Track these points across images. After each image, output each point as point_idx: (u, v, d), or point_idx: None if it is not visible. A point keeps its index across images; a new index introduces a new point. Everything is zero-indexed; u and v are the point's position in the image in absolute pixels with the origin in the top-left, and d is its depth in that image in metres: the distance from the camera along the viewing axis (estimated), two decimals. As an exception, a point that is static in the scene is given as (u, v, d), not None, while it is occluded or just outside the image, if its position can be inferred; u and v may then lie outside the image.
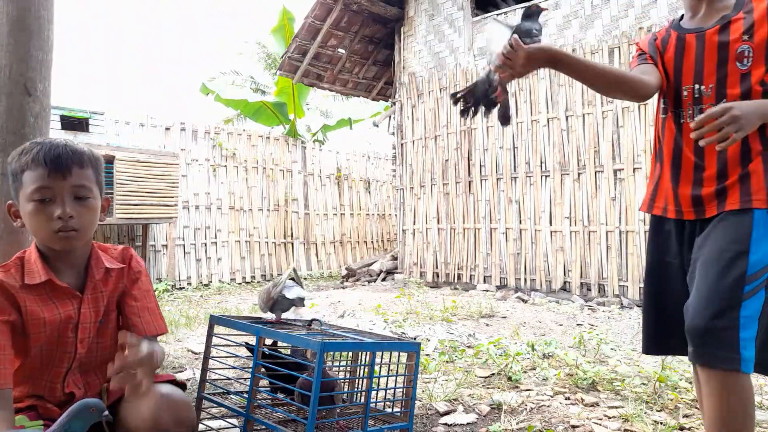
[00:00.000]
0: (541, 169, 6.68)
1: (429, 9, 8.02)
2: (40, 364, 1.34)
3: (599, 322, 4.76)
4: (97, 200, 1.38)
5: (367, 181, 11.09)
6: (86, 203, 1.34)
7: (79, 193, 1.33)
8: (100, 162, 1.42)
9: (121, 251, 1.51)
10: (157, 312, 1.51)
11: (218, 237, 8.51)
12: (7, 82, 2.18)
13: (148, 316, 1.47)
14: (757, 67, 1.45)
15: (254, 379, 1.72)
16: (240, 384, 2.40)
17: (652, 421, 2.23)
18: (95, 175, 1.38)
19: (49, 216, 1.28)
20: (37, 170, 1.28)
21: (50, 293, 1.34)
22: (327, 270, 9.94)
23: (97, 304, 1.40)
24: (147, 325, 1.46)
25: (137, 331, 1.43)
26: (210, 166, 8.55)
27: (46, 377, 1.36)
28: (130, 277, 1.48)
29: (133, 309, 1.46)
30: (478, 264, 7.26)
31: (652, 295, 1.63)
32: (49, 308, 1.32)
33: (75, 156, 1.33)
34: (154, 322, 1.48)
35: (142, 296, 1.49)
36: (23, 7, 2.21)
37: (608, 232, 6.10)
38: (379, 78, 9.66)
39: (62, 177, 1.30)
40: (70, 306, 1.36)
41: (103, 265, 1.42)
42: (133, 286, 1.48)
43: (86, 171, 1.35)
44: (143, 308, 1.48)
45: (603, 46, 6.18)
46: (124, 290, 1.47)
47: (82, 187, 1.33)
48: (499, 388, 2.71)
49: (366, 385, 1.70)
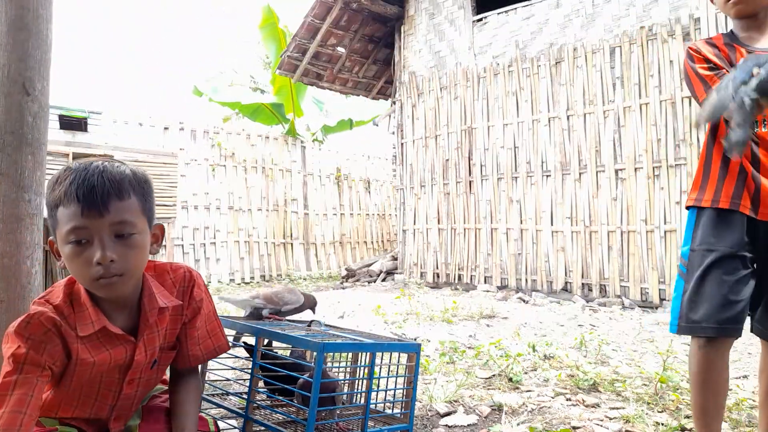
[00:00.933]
0: (542, 168, 6.66)
1: (429, 8, 8.01)
2: (80, 398, 1.23)
3: (600, 323, 4.75)
4: (144, 234, 1.16)
5: (367, 181, 11.08)
6: (130, 241, 1.13)
7: (121, 231, 1.11)
8: (147, 185, 1.20)
9: (182, 276, 1.32)
10: (218, 331, 1.39)
11: (217, 237, 8.50)
12: (6, 82, 2.16)
13: (208, 340, 1.36)
14: None
15: (253, 380, 1.71)
16: (239, 385, 2.38)
17: (654, 422, 2.21)
18: (142, 202, 1.16)
19: (87, 261, 1.09)
20: (70, 207, 1.08)
21: (103, 339, 1.19)
22: (327, 270, 9.93)
23: (153, 345, 1.26)
24: (207, 352, 1.36)
25: (196, 360, 1.35)
26: (209, 165, 8.54)
27: (89, 411, 1.25)
28: (191, 308, 1.32)
29: (194, 340, 1.34)
30: (478, 264, 7.24)
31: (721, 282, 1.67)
32: (102, 355, 1.18)
33: (113, 186, 1.11)
34: (215, 344, 1.38)
35: (203, 324, 1.35)
36: (22, 6, 2.19)
37: (610, 232, 6.09)
38: (379, 77, 9.65)
39: (99, 214, 1.09)
40: (123, 352, 1.21)
41: (156, 305, 1.24)
42: (195, 318, 1.33)
43: (127, 202, 1.13)
44: (203, 335, 1.35)
45: (604, 45, 6.16)
46: (185, 322, 1.33)
47: (124, 224, 1.12)
48: (499, 389, 2.70)
49: (366, 386, 1.69)
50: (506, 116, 7.01)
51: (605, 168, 6.13)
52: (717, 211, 1.69)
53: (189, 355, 1.34)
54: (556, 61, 6.57)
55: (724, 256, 1.65)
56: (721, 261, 1.65)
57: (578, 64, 6.38)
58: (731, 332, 1.61)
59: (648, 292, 5.76)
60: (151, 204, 1.20)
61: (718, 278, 1.65)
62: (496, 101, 7.12)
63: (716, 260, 1.66)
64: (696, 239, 1.73)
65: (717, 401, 1.62)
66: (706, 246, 1.69)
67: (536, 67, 6.74)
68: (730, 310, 1.61)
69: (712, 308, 1.63)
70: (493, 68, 7.14)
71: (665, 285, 5.64)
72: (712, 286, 1.65)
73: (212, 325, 1.38)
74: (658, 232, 5.73)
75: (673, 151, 5.66)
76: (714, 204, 1.69)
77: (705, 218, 1.72)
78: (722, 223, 1.67)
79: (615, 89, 6.11)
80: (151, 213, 1.20)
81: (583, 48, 6.34)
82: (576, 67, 6.40)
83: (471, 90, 7.38)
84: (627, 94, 6.01)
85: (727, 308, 1.61)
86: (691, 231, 1.77)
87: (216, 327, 1.38)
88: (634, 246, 5.89)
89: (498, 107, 7.10)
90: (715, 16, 5.44)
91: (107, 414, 1.27)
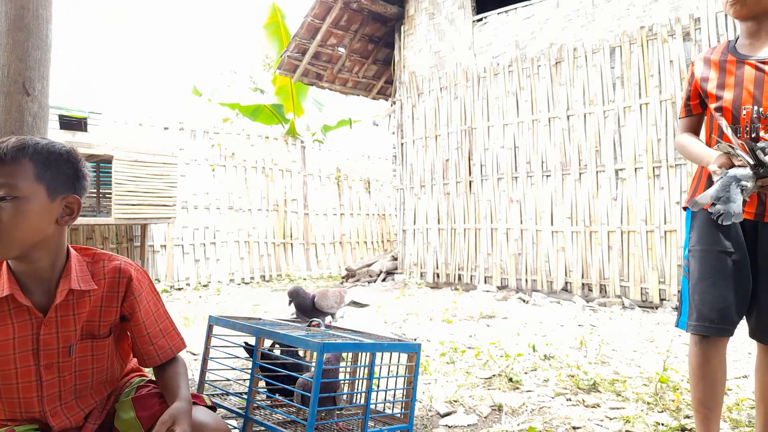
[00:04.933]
0: (542, 168, 6.66)
1: (429, 8, 8.00)
2: (1, 396, 1.21)
3: (600, 323, 4.75)
4: (31, 201, 1.14)
5: (367, 181, 11.07)
6: (6, 204, 1.11)
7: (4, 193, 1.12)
8: (53, 155, 1.18)
9: (115, 267, 1.31)
10: (171, 330, 1.40)
11: (217, 237, 8.50)
12: (6, 82, 2.16)
13: (161, 339, 1.37)
14: None
15: (253, 380, 1.71)
16: (239, 385, 2.38)
17: (654, 422, 2.21)
18: (37, 169, 1.15)
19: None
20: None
21: (14, 310, 1.19)
22: (327, 271, 9.92)
23: (66, 328, 1.24)
24: (162, 351, 1.36)
25: (152, 361, 1.35)
26: (209, 165, 8.54)
27: (18, 408, 1.23)
28: (129, 302, 1.32)
29: (144, 339, 1.34)
30: (478, 264, 7.24)
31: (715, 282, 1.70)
32: (5, 328, 1.18)
33: (1, 151, 1.12)
34: (170, 344, 1.38)
35: (151, 322, 1.35)
36: (22, 6, 2.19)
37: (610, 232, 6.08)
38: (379, 77, 9.65)
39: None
40: (29, 328, 1.20)
41: (68, 286, 1.22)
42: (135, 313, 1.33)
43: (11, 166, 1.12)
44: (155, 333, 1.36)
45: (604, 45, 6.16)
46: (125, 316, 1.33)
47: (1, 186, 1.11)
48: (499, 389, 2.70)
49: (366, 386, 1.69)
50: (506, 116, 7.01)
51: (605, 168, 6.13)
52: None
53: (143, 353, 1.35)
54: (556, 61, 6.57)
55: (717, 257, 1.68)
56: (715, 261, 1.68)
57: (578, 64, 6.38)
58: (723, 332, 1.65)
59: (648, 292, 5.75)
60: (54, 173, 1.18)
61: (711, 279, 1.68)
62: (496, 101, 7.12)
63: (710, 261, 1.69)
64: (692, 240, 1.76)
65: (715, 395, 1.67)
66: (700, 246, 1.72)
67: (536, 67, 6.74)
68: (723, 310, 1.64)
69: (705, 308, 1.66)
70: (493, 68, 7.14)
71: (665, 285, 5.64)
72: (706, 286, 1.68)
73: (165, 324, 1.39)
74: (658, 232, 5.72)
75: (673, 151, 5.66)
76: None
77: (700, 219, 1.74)
78: (716, 225, 1.68)
79: (615, 89, 6.11)
80: (53, 182, 1.17)
81: (583, 48, 6.34)
82: (576, 67, 6.40)
83: (471, 90, 7.38)
84: (627, 94, 6.01)
85: (720, 308, 1.64)
86: (688, 231, 1.80)
87: (169, 326, 1.40)
88: (634, 246, 5.89)
89: (498, 107, 7.10)
90: (715, 16, 5.43)
91: (38, 408, 1.24)
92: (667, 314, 5.28)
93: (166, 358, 1.37)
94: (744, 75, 1.67)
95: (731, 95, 1.69)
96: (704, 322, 1.65)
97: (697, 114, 1.85)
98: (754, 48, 1.69)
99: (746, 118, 1.65)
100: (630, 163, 5.94)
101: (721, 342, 1.67)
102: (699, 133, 1.88)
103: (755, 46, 1.69)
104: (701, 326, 1.66)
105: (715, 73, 1.74)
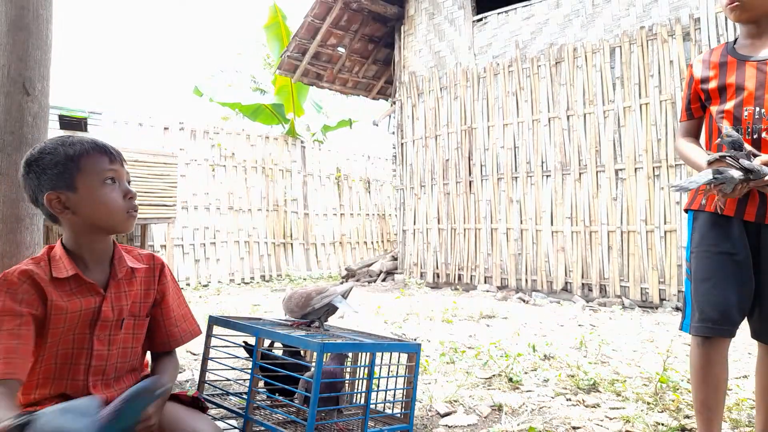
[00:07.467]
0: (542, 168, 6.66)
1: (429, 8, 8.00)
2: (56, 362, 1.32)
3: (600, 323, 4.75)
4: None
5: (367, 181, 11.07)
6: None
7: (128, 179, 1.43)
8: None
9: (149, 255, 1.51)
10: (190, 316, 1.55)
11: (217, 237, 8.50)
12: (6, 82, 2.16)
13: (184, 323, 1.52)
14: None
15: (253, 380, 1.71)
16: (239, 385, 2.38)
17: (654, 422, 2.21)
18: None
19: (121, 196, 1.35)
20: (102, 155, 1.37)
21: (76, 288, 1.33)
22: (327, 271, 9.92)
23: (119, 302, 1.39)
24: (184, 334, 1.51)
25: (176, 342, 1.49)
26: (209, 165, 8.54)
27: (66, 375, 1.34)
28: (162, 286, 1.49)
29: (171, 321, 1.50)
30: (478, 264, 7.24)
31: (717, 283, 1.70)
32: (73, 303, 1.31)
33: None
34: (190, 328, 1.53)
35: (176, 306, 1.52)
36: (22, 6, 2.19)
37: (610, 232, 6.09)
38: (379, 77, 9.65)
39: (121, 163, 1.41)
40: (93, 302, 1.35)
41: (125, 264, 1.42)
42: (166, 297, 1.50)
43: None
44: (179, 317, 1.52)
45: (604, 45, 6.16)
46: (156, 300, 1.48)
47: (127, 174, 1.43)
48: (499, 389, 2.70)
49: (366, 386, 1.69)
50: (506, 116, 7.01)
51: (605, 168, 6.13)
52: (713, 214, 1.70)
53: (169, 334, 1.48)
54: (556, 61, 6.57)
55: (719, 258, 1.67)
56: (717, 263, 1.68)
57: (578, 64, 6.38)
58: (725, 333, 1.65)
59: (648, 292, 5.76)
60: None
61: (714, 280, 1.67)
62: (496, 101, 7.12)
63: (712, 262, 1.69)
64: (694, 241, 1.76)
65: (717, 396, 1.67)
66: (702, 248, 1.72)
67: (536, 67, 6.74)
68: (725, 311, 1.64)
69: (707, 309, 1.66)
70: (493, 68, 7.14)
71: (665, 285, 5.64)
72: (708, 287, 1.68)
73: (185, 310, 1.54)
74: (658, 232, 5.72)
75: (673, 151, 5.66)
76: (709, 207, 1.71)
77: (701, 221, 1.74)
78: (718, 226, 1.68)
79: (615, 89, 6.11)
80: None
81: (583, 48, 6.34)
82: (576, 67, 6.40)
83: (471, 90, 7.38)
84: (627, 94, 6.01)
85: (722, 309, 1.64)
86: (690, 233, 1.79)
87: (188, 313, 1.55)
88: (634, 246, 5.89)
89: (498, 107, 7.10)
90: (715, 16, 5.43)
91: (83, 377, 1.34)
92: (667, 314, 5.28)
93: (187, 341, 1.51)
94: (745, 76, 1.66)
95: (732, 96, 1.68)
96: (706, 323, 1.65)
97: (699, 117, 1.85)
98: (755, 49, 1.69)
99: (748, 120, 1.65)
100: (630, 163, 5.94)
101: (723, 343, 1.66)
102: (699, 135, 1.88)
103: (756, 47, 1.69)
104: (703, 327, 1.66)
105: (715, 74, 1.73)
